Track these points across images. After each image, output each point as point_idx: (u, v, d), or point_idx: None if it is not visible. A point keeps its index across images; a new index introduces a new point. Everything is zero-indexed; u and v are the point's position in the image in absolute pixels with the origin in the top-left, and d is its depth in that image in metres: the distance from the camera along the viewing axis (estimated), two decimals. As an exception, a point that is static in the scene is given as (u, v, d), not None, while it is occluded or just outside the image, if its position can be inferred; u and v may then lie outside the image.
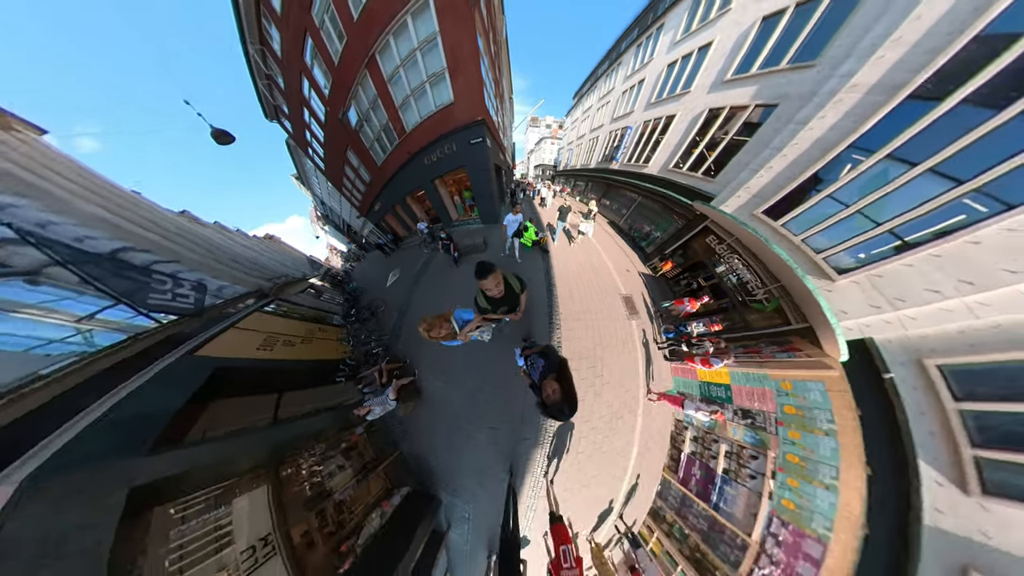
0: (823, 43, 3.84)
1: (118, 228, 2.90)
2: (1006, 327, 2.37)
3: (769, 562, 2.92)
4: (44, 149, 2.61)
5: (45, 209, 2.48)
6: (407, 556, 2.94)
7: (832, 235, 3.43)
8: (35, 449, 1.97)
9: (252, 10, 6.44)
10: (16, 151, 2.40)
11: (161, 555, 2.20)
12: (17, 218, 2.36)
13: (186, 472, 2.58)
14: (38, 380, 2.20)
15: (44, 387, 2.19)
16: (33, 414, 2.14)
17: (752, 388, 3.68)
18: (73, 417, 2.21)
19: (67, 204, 2.61)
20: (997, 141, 2.38)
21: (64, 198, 2.59)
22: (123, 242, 2.92)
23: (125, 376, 2.57)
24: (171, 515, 2.35)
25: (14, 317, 2.27)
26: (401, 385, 4.28)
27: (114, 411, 2.35)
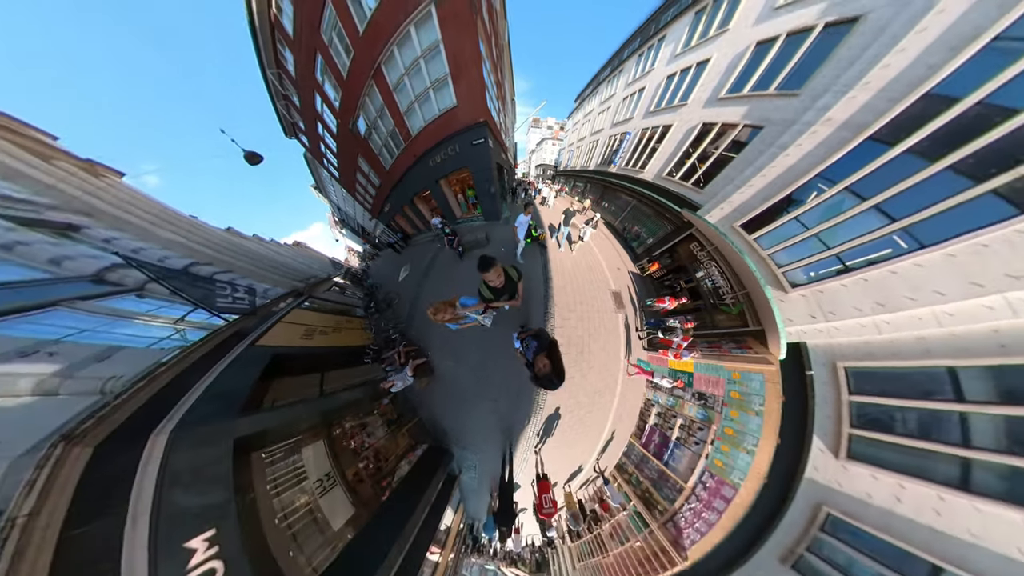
0: (808, 75, 3.97)
1: (186, 248, 3.60)
2: (896, 341, 2.89)
3: (696, 500, 3.85)
4: (126, 189, 3.24)
5: (135, 238, 3.17)
6: (429, 490, 3.94)
7: (793, 253, 3.81)
8: (171, 413, 2.86)
9: (268, 36, 6.73)
10: (108, 193, 3.03)
11: (264, 485, 3.19)
12: (119, 247, 3.07)
13: (266, 430, 3.52)
14: (160, 367, 3.05)
15: (166, 371, 3.05)
16: (163, 390, 3.02)
17: (710, 376, 4.34)
18: (187, 392, 3.09)
19: (149, 232, 3.29)
20: (925, 189, 2.70)
21: (146, 228, 3.26)
22: (191, 259, 3.63)
23: (212, 362, 3.43)
24: (263, 459, 3.31)
25: (134, 323, 3.09)
26: (416, 364, 5.13)
27: (211, 387, 3.22)
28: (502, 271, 2.36)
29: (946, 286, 2.56)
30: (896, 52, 2.92)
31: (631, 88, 9.18)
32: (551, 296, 5.91)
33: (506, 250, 7.12)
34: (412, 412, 5.30)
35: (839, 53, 3.63)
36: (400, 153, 7.49)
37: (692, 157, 5.79)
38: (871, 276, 3.02)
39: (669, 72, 7.26)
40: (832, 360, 3.27)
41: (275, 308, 4.46)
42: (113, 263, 2.92)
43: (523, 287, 2.99)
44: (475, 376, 5.16)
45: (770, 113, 4.35)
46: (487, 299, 2.66)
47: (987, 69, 2.44)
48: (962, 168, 2.54)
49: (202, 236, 3.83)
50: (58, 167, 2.92)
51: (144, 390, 2.88)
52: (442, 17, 4.81)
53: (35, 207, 2.72)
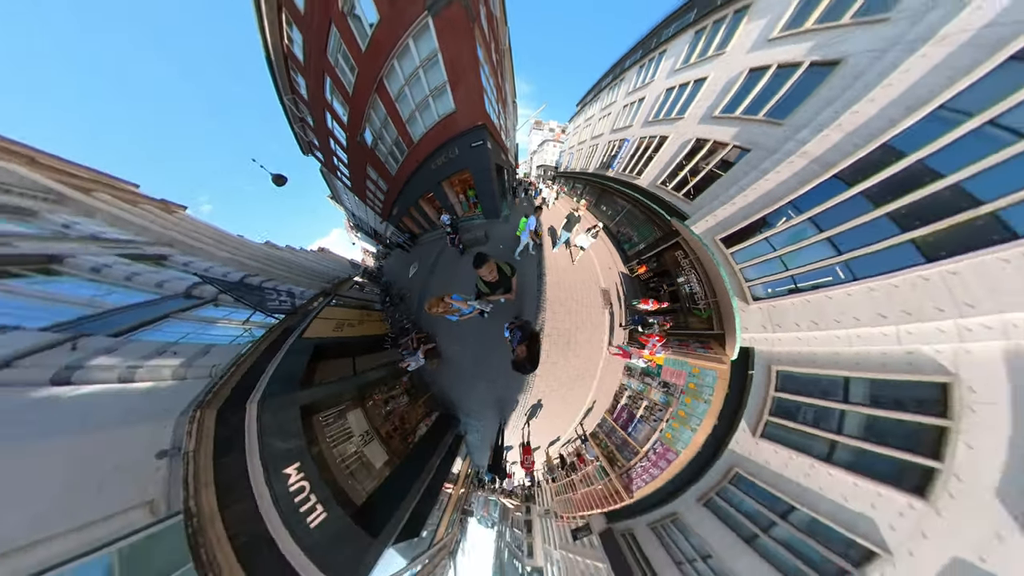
0: (792, 107, 4.10)
1: (239, 263, 4.49)
2: (817, 353, 3.53)
3: (647, 460, 4.93)
4: (190, 220, 4.07)
5: (204, 259, 4.06)
6: (441, 445, 5.17)
7: (759, 270, 4.27)
8: (255, 389, 3.99)
9: (283, 65, 7.13)
10: (180, 226, 3.87)
11: (325, 440, 4.41)
12: (196, 268, 3.98)
13: (319, 400, 4.69)
14: (241, 357, 4.13)
15: (245, 360, 4.13)
16: (247, 374, 4.14)
17: (675, 370, 5.14)
18: (262, 374, 4.20)
19: (212, 254, 4.17)
20: (866, 229, 3.11)
21: (210, 250, 4.13)
22: (244, 272, 4.55)
23: (274, 352, 4.50)
24: (321, 422, 4.52)
25: (216, 326, 4.12)
26: (427, 349, 6.18)
27: (277, 370, 4.32)
28: (495, 267, 2.57)
29: (862, 314, 3.11)
30: (866, 100, 3.14)
31: (631, 97, 9.26)
32: (544, 291, 6.61)
33: (504, 247, 7.69)
34: (426, 387, 6.49)
35: (821, 92, 3.79)
36: (404, 159, 7.88)
37: (685, 169, 5.99)
38: (812, 299, 3.55)
39: (668, 85, 7.28)
40: (769, 364, 3.96)
41: (310, 307, 5.45)
42: (194, 281, 3.85)
43: (517, 281, 3.24)
44: (475, 359, 6.17)
45: (757, 138, 4.54)
46: (484, 293, 3.04)
47: (929, 133, 2.74)
48: (895, 216, 2.95)
49: (248, 251, 4.70)
50: (144, 210, 3.72)
51: (235, 374, 3.98)
52: (439, 27, 4.95)
53: (137, 245, 3.60)
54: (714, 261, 4.68)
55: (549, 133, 27.17)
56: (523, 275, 6.92)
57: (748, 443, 3.91)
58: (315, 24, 5.36)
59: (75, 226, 3.58)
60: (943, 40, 2.75)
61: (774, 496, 3.45)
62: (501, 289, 2.97)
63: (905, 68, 2.91)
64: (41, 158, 3.59)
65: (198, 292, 3.94)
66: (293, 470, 3.52)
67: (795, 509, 3.27)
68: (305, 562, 2.91)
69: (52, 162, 3.72)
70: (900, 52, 3.06)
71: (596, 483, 5.15)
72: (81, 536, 2.08)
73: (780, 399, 3.78)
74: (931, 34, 2.84)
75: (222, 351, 3.91)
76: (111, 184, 4.18)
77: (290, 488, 3.38)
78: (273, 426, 3.72)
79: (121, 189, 4.25)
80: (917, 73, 2.85)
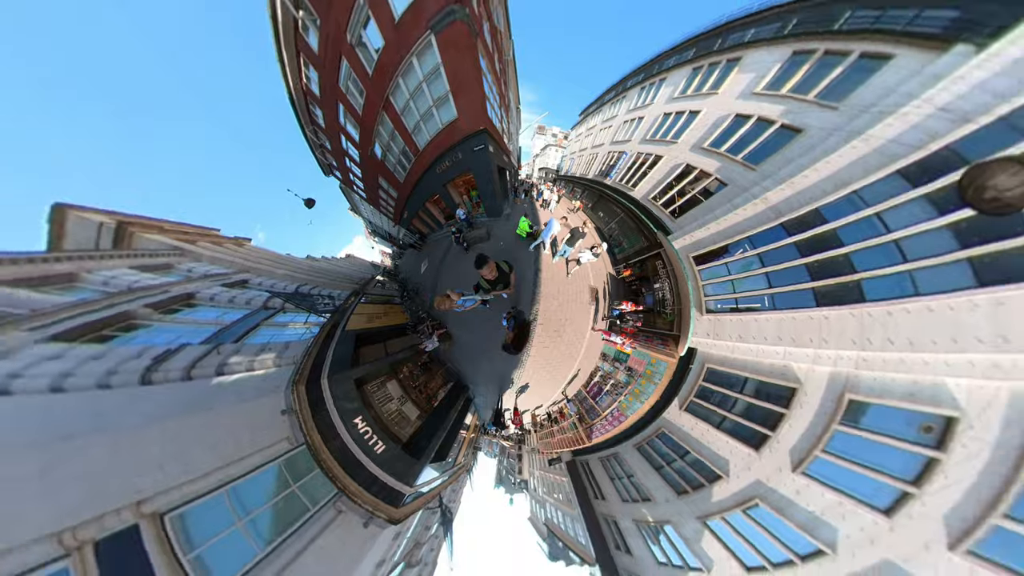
0: (764, 157, 4.58)
1: (291, 277, 5.78)
2: (735, 358, 4.70)
3: (605, 421, 6.67)
4: (255, 249, 5.26)
5: (269, 278, 5.35)
6: (456, 405, 7.02)
7: (715, 289, 5.23)
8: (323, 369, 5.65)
9: (303, 101, 7.65)
10: (250, 255, 5.07)
11: (376, 401, 6.23)
12: (266, 286, 5.30)
13: (365, 374, 6.43)
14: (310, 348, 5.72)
15: (312, 349, 5.73)
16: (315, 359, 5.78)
17: (638, 359, 6.52)
18: (325, 359, 5.83)
19: (272, 273, 5.44)
20: (789, 272, 4.04)
21: (271, 270, 5.39)
22: (297, 283, 5.86)
23: (329, 342, 6.08)
24: (369, 389, 6.29)
25: (288, 328, 5.62)
26: (439, 333, 7.73)
27: (334, 355, 5.93)
28: (495, 266, 2.84)
29: (768, 335, 4.21)
30: (812, 169, 3.78)
31: (632, 114, 9.53)
32: (540, 285, 7.73)
33: (505, 244, 8.56)
34: (442, 363, 8.23)
35: (784, 151, 4.33)
36: (411, 166, 8.37)
37: (674, 190, 6.57)
38: (744, 318, 4.63)
39: (666, 110, 7.56)
40: (704, 362, 5.24)
41: (347, 305, 6.88)
42: (267, 296, 5.22)
43: (516, 277, 3.60)
44: (480, 342, 7.69)
45: (734, 175, 5.10)
46: (486, 290, 3.37)
47: (843, 210, 3.51)
48: (810, 268, 3.85)
49: (297, 266, 5.98)
50: (227, 248, 4.82)
51: (308, 361, 5.60)
52: (442, 43, 5.17)
53: (228, 275, 4.87)
54: (685, 275, 5.67)
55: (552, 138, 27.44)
56: (521, 271, 7.96)
57: (675, 413, 5.48)
58: (328, 61, 5.64)
59: (194, 269, 4.89)
60: (867, 139, 3.33)
61: (679, 445, 5.11)
62: (501, 285, 3.28)
63: (839, 153, 3.53)
64: (165, 225, 4.75)
65: (271, 304, 5.34)
66: (359, 420, 5.32)
67: (688, 452, 4.90)
68: (378, 471, 4.80)
69: (171, 226, 4.83)
70: (839, 139, 3.62)
71: (568, 432, 7.04)
72: (260, 455, 3.82)
73: (703, 386, 5.19)
74: (859, 132, 3.39)
75: (297, 345, 5.47)
76: (204, 233, 5.35)
77: (360, 432, 5.20)
78: (340, 393, 5.44)
79: (210, 235, 5.42)
80: (846, 160, 3.49)
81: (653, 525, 5.27)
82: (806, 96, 4.24)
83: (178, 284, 4.66)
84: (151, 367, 3.25)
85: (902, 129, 3.06)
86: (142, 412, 2.96)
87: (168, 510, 2.72)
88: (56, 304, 3.49)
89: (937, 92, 2.85)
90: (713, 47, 6.61)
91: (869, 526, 2.86)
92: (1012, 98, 2.46)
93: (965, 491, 2.33)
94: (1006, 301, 2.35)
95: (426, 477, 5.52)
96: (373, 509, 4.40)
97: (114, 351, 3.43)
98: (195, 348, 3.93)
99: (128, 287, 4.18)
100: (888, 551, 2.71)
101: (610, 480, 6.27)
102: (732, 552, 4.11)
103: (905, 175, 3.04)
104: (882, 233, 3.21)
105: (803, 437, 3.58)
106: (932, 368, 2.68)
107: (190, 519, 2.84)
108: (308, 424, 4.58)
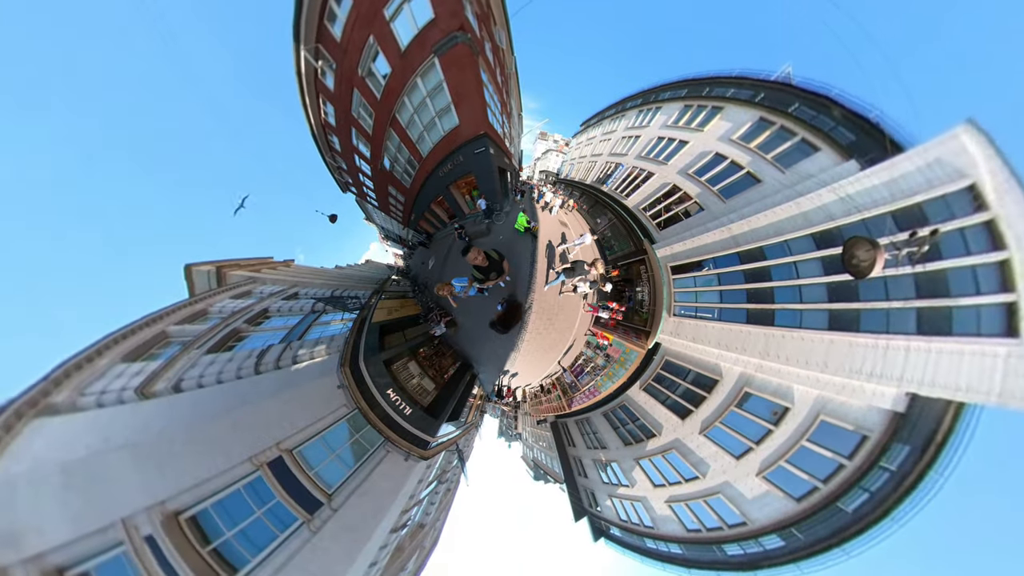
0: (733, 193, 5.45)
1: (326, 284, 7.09)
2: (688, 354, 5.95)
3: (583, 394, 8.44)
4: (298, 267, 6.50)
5: (311, 288, 6.68)
6: (464, 380, 8.86)
7: (682, 296, 6.35)
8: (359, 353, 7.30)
9: (322, 133, 8.16)
10: (296, 273, 6.32)
11: (403, 377, 8.00)
12: (310, 295, 6.65)
13: (391, 357, 8.12)
14: (347, 339, 7.28)
15: (350, 339, 7.30)
16: (353, 345, 7.39)
17: (616, 348, 7.93)
18: (359, 346, 7.45)
19: (312, 283, 6.73)
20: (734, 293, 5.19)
21: (312, 282, 6.68)
22: (331, 289, 7.20)
23: (360, 333, 7.65)
24: (395, 368, 8.03)
25: (331, 325, 7.12)
26: (445, 320, 9.29)
27: (366, 343, 7.54)
28: (481, 253, 3.29)
29: (712, 339, 5.45)
30: (763, 215, 4.70)
31: (630, 132, 10.08)
32: (535, 277, 8.94)
33: (504, 239, 9.53)
34: (450, 346, 9.95)
35: (748, 193, 5.23)
36: (416, 172, 8.94)
37: (661, 205, 7.44)
38: (699, 323, 5.86)
39: (660, 135, 8.18)
40: (664, 355, 6.64)
41: (370, 302, 8.31)
42: (314, 302, 6.61)
43: (508, 264, 4.66)
44: (481, 328, 9.22)
45: (710, 203, 6.00)
46: (479, 278, 3.97)
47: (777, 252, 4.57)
48: (748, 292, 4.98)
49: (330, 275, 7.31)
50: (279, 271, 5.96)
51: (348, 348, 7.21)
52: (445, 64, 5.63)
53: (284, 292, 6.19)
54: (662, 281, 6.82)
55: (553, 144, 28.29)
56: (517, 264, 9.06)
57: (636, 392, 7.13)
58: (342, 94, 6.14)
59: (264, 291, 6.23)
60: (798, 204, 4.23)
61: (633, 413, 6.88)
62: (494, 273, 3.91)
63: (782, 207, 4.46)
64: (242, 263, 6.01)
65: (316, 308, 6.78)
66: (392, 391, 7.10)
67: (639, 419, 6.68)
68: (409, 426, 6.68)
69: (245, 263, 6.04)
70: (784, 196, 4.51)
71: (554, 402, 8.99)
72: (332, 415, 5.58)
73: (660, 373, 6.70)
74: (795, 196, 4.29)
75: (339, 337, 7.04)
76: (264, 263, 6.54)
77: (393, 400, 6.98)
78: (374, 372, 7.14)
79: (268, 263, 6.54)
80: (785, 214, 4.43)
81: (604, 462, 7.40)
82: (767, 155, 5.03)
83: (258, 303, 6.09)
84: (257, 363, 4.81)
85: (817, 204, 4.00)
86: (261, 390, 4.58)
87: (294, 448, 4.48)
88: (201, 331, 5.02)
89: (842, 184, 3.73)
90: (702, 92, 7.33)
91: (726, 464, 4.64)
92: (876, 206, 3.44)
93: (775, 447, 3.96)
94: (835, 341, 3.63)
95: (444, 431, 7.50)
96: (409, 451, 6.35)
97: (237, 355, 5.00)
98: (278, 346, 5.48)
99: (232, 311, 5.68)
100: (729, 477, 4.54)
101: (581, 435, 8.38)
102: (648, 477, 6.20)
103: (815, 238, 4.08)
104: (794, 277, 4.36)
105: (712, 413, 5.19)
106: (791, 377, 4.05)
107: (307, 453, 4.64)
108: (356, 395, 6.33)
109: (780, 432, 4.08)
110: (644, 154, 8.65)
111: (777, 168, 4.85)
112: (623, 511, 7.06)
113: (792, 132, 4.79)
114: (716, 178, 6.02)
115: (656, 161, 7.98)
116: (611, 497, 7.32)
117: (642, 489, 6.36)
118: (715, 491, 4.81)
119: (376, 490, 5.15)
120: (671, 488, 5.72)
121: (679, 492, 5.56)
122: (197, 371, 4.27)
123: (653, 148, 8.41)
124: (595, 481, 8.02)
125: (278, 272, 6.77)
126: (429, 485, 6.72)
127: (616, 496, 7.14)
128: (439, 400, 8.11)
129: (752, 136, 5.47)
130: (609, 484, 7.39)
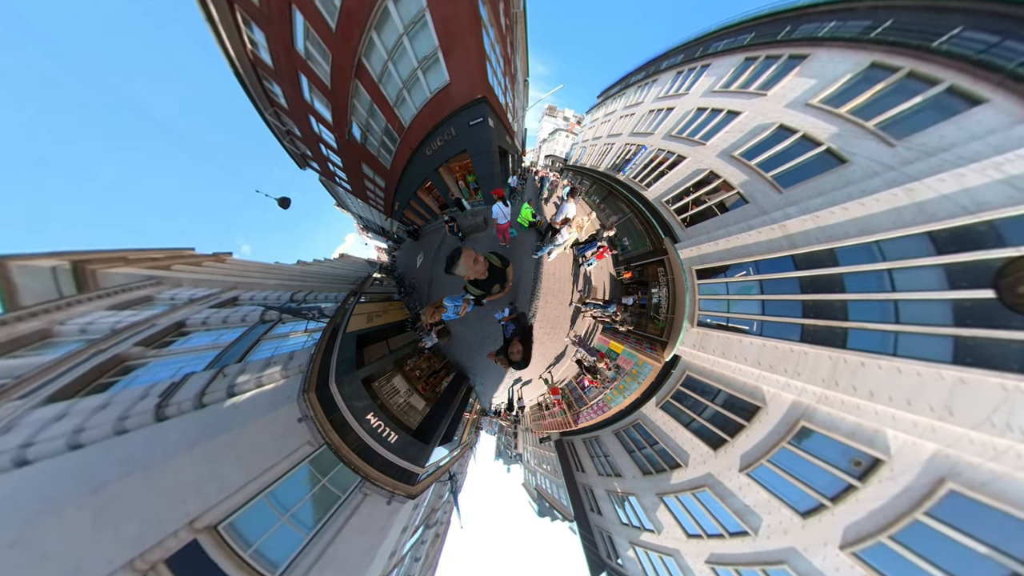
0: (796, 181, 4.14)
1: (284, 285, 5.65)
2: (713, 370, 5.05)
3: (591, 409, 7.51)
4: (238, 262, 5.00)
5: (260, 290, 5.23)
6: (459, 393, 7.71)
7: (709, 305, 5.33)
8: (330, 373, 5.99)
9: (253, 76, 5.85)
10: (233, 269, 4.85)
11: (385, 394, 6.78)
12: (257, 300, 5.21)
13: (371, 373, 6.86)
14: (314, 355, 5.94)
15: (317, 355, 5.97)
16: (321, 364, 6.07)
17: (627, 359, 6.98)
18: (330, 363, 6.13)
19: (263, 284, 5.29)
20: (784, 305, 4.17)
21: (261, 282, 5.23)
22: (290, 291, 5.77)
23: (332, 346, 6.30)
24: (377, 386, 6.78)
25: (290, 338, 5.73)
26: (437, 330, 8.00)
27: (339, 358, 6.22)
28: (481, 259, 2.10)
29: (749, 357, 4.50)
30: (841, 207, 3.55)
31: (660, 103, 8.37)
32: (540, 281, 7.73)
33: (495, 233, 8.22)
34: (444, 356, 8.71)
35: (821, 180, 3.94)
36: (397, 148, 7.25)
37: (690, 196, 6.12)
38: (730, 337, 4.87)
39: (701, 104, 6.67)
40: (685, 369, 5.70)
41: (345, 307, 6.91)
42: (262, 310, 5.19)
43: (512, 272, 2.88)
44: (477, 337, 8.04)
45: (758, 194, 4.74)
46: (476, 296, 2.60)
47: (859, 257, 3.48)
48: (806, 305, 3.91)
49: (287, 274, 5.81)
50: (206, 267, 4.44)
51: (314, 368, 5.89)
52: None
53: (215, 295, 4.68)
54: (685, 286, 5.75)
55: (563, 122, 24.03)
56: (519, 268, 7.84)
57: (651, 409, 6.23)
58: (275, 13, 4.31)
59: (177, 296, 4.62)
60: (910, 191, 3.06)
61: (650, 435, 5.94)
62: (497, 286, 2.60)
63: (877, 197, 3.29)
64: (129, 255, 4.13)
65: (268, 316, 5.35)
66: (372, 416, 5.88)
67: (657, 443, 5.72)
68: (394, 457, 5.53)
69: (136, 255, 4.26)
70: (882, 182, 3.31)
71: (558, 417, 8.00)
72: (288, 460, 4.34)
73: (680, 391, 5.78)
74: (907, 180, 3.08)
75: (301, 354, 5.67)
76: (177, 255, 4.82)
77: (373, 426, 5.78)
78: (349, 394, 5.88)
79: (184, 256, 4.89)
80: (881, 207, 3.27)
81: (621, 495, 6.51)
82: (866, 122, 3.72)
83: (164, 315, 4.54)
84: (161, 403, 3.43)
85: (953, 189, 2.80)
86: (165, 447, 3.25)
87: (219, 521, 3.24)
88: (38, 365, 3.43)
89: (1010, 158, 2.52)
90: (777, 34, 5.59)
91: (787, 521, 3.67)
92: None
93: (868, 512, 2.94)
94: (968, 381, 2.58)
95: (435, 457, 6.40)
96: (393, 489, 5.22)
97: (118, 396, 3.55)
98: (200, 376, 4.08)
99: (111, 329, 4.07)
100: (795, 541, 3.56)
101: (590, 457, 7.45)
102: (678, 521, 5.27)
103: (934, 239, 2.92)
104: (887, 290, 3.26)
105: (756, 447, 4.22)
106: (880, 418, 3.07)
107: (241, 524, 3.40)
108: (325, 426, 5.07)
109: (872, 492, 3.07)
110: (676, 132, 7.22)
111: (882, 140, 3.47)
112: (651, 568, 5.89)
113: (930, 80, 3.26)
114: (773, 161, 4.74)
115: (691, 141, 6.61)
116: (633, 545, 6.24)
117: (672, 538, 5.38)
118: (777, 559, 3.71)
119: (346, 555, 4.02)
120: (710, 542, 4.69)
121: (723, 551, 4.45)
122: (16, 438, 2.79)
123: (689, 124, 6.98)
124: (611, 521, 7.00)
125: (204, 269, 5.12)
126: (415, 533, 5.66)
127: (639, 544, 6.09)
128: (430, 419, 6.97)
129: (849, 95, 3.98)
130: (629, 526, 6.38)
